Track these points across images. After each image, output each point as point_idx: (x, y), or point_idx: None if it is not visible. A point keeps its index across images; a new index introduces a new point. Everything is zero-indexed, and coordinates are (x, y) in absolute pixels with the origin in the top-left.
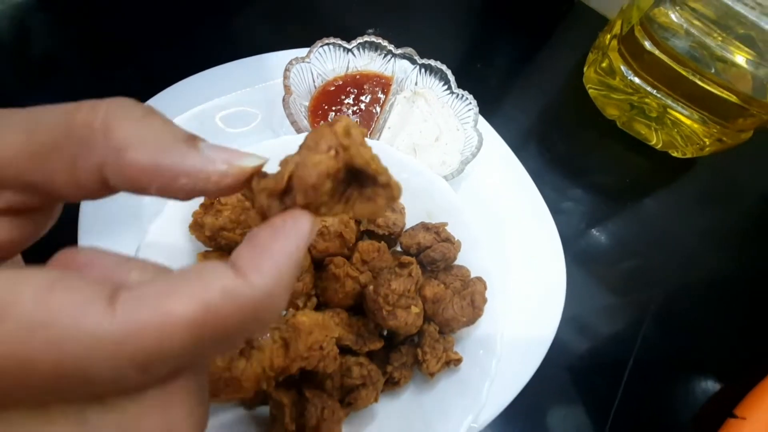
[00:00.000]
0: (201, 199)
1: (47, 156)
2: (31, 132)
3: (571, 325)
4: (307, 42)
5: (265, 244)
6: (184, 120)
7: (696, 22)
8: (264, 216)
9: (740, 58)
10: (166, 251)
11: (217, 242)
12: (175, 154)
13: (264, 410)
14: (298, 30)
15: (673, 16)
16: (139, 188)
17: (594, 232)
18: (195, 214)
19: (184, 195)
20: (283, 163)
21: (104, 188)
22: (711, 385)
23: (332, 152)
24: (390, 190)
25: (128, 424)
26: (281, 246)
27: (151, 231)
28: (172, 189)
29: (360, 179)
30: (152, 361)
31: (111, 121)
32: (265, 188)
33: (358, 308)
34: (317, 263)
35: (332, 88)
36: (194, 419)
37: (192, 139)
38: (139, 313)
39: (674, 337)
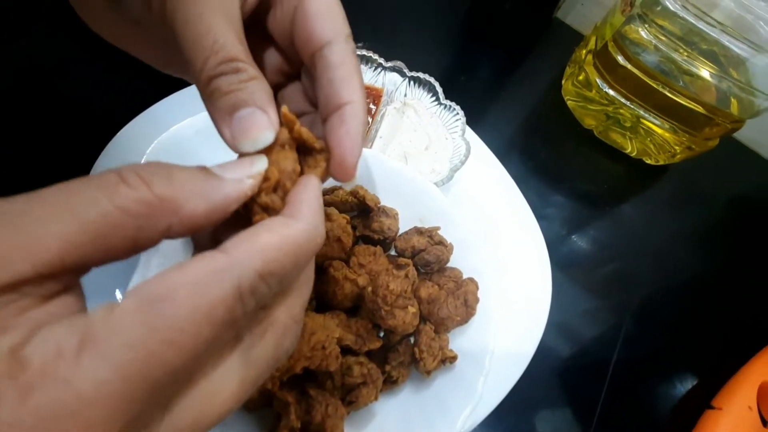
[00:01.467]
0: None
1: (105, 241)
2: (80, 223)
3: (555, 327)
4: None
5: (296, 197)
6: (186, 125)
7: (663, 39)
8: (267, 209)
9: (705, 71)
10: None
11: None
12: (217, 191)
13: (263, 411)
14: None
15: (643, 33)
16: (200, 230)
17: (575, 236)
18: None
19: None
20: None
21: (160, 240)
22: (689, 379)
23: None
24: (325, 152)
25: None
26: (308, 195)
27: None
28: (224, 217)
29: (306, 152)
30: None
31: (158, 190)
32: (263, 188)
33: (356, 310)
34: (317, 267)
35: None
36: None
37: (207, 171)
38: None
39: (653, 335)
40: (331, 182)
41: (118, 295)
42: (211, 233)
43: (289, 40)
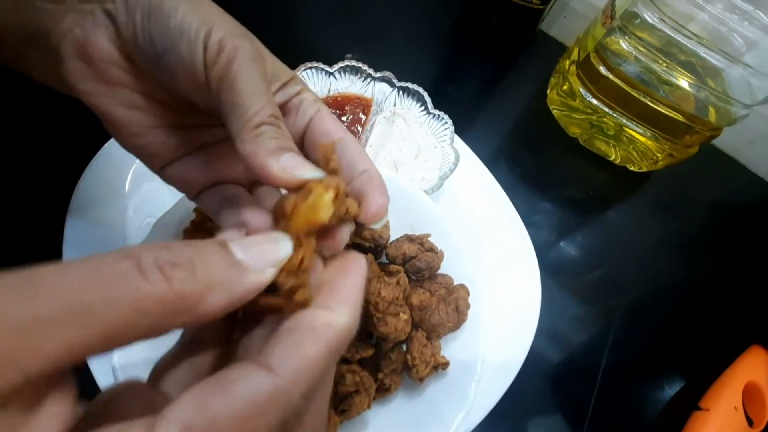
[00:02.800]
0: (191, 216)
1: (111, 340)
2: (91, 323)
3: (545, 333)
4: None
5: (343, 283)
6: None
7: (643, 50)
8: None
9: (683, 81)
10: None
11: None
12: (237, 284)
13: None
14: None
15: (624, 44)
16: (216, 319)
17: (562, 242)
18: (186, 233)
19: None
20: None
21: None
22: (676, 382)
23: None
24: (351, 197)
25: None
26: (355, 282)
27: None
28: (241, 305)
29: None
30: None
31: (179, 287)
32: (287, 270)
33: None
34: None
35: None
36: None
37: (229, 255)
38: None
39: (640, 339)
40: None
41: None
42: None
43: (299, 142)
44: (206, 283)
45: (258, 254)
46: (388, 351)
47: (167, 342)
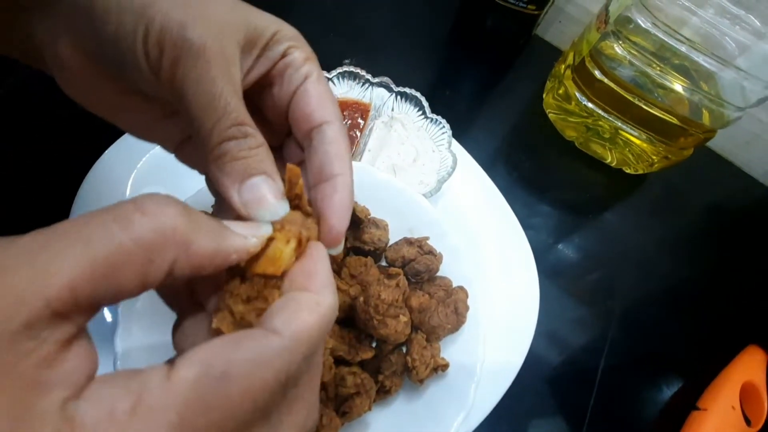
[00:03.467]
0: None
1: (116, 273)
2: (93, 255)
3: (544, 335)
4: None
5: (313, 269)
6: None
7: (637, 54)
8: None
9: (677, 85)
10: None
11: None
12: (225, 237)
13: None
14: None
15: (618, 49)
16: (199, 272)
17: (560, 245)
18: None
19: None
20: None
21: (165, 281)
22: (674, 382)
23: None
24: (313, 217)
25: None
26: (323, 266)
27: None
28: (222, 265)
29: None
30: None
31: (173, 221)
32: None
33: (349, 321)
34: None
35: None
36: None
37: (220, 222)
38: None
39: (638, 340)
40: None
41: (106, 314)
42: (186, 288)
43: (283, 115)
44: (198, 226)
45: (244, 227)
46: (389, 353)
47: (166, 332)
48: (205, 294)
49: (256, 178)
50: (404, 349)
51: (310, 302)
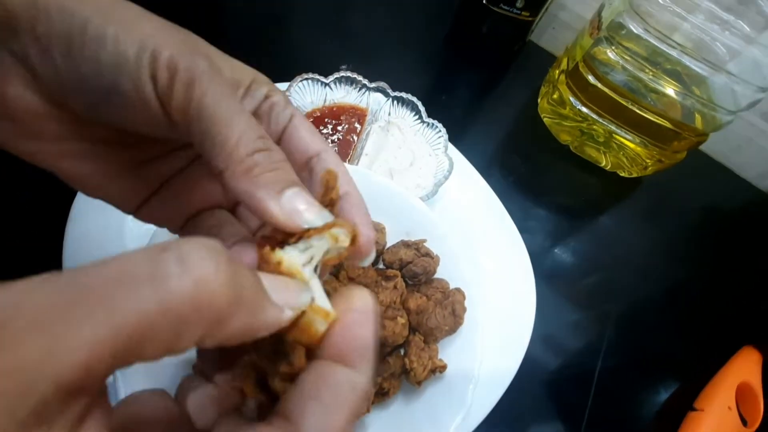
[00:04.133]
0: None
1: (139, 347)
2: (116, 328)
3: (540, 338)
4: (281, 78)
5: (354, 334)
6: None
7: (630, 59)
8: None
9: (670, 89)
10: None
11: None
12: (262, 310)
13: None
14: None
15: (611, 54)
16: (223, 345)
17: (556, 248)
18: None
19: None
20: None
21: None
22: (671, 383)
23: None
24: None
25: None
26: (367, 333)
27: None
28: (250, 339)
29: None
30: None
31: (209, 292)
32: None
33: None
34: None
35: (311, 119)
36: None
37: (261, 284)
38: None
39: (635, 342)
40: None
41: None
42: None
43: None
44: (238, 295)
45: (283, 293)
46: (387, 355)
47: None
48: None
49: (293, 188)
50: (402, 352)
51: (343, 390)
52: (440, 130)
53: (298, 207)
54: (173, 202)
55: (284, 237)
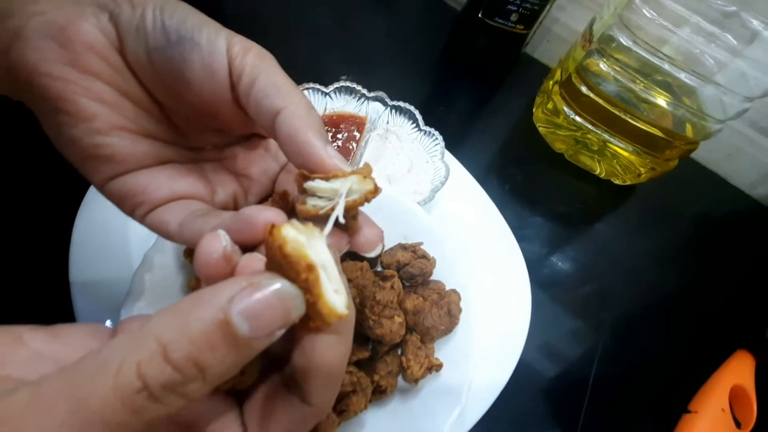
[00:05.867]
0: None
1: None
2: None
3: (535, 344)
4: None
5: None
6: None
7: (621, 71)
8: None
9: (661, 100)
10: (161, 276)
11: None
12: (234, 363)
13: None
14: None
15: (603, 66)
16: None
17: (552, 255)
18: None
19: None
20: None
21: None
22: (666, 387)
23: None
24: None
25: None
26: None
27: (146, 257)
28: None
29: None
30: None
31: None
32: None
33: None
34: None
35: None
36: None
37: (235, 332)
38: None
39: (630, 346)
40: None
41: (108, 324)
42: None
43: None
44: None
45: (262, 324)
46: (384, 354)
47: None
48: None
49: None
50: (399, 351)
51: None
52: (437, 138)
53: (335, 155)
54: (162, 180)
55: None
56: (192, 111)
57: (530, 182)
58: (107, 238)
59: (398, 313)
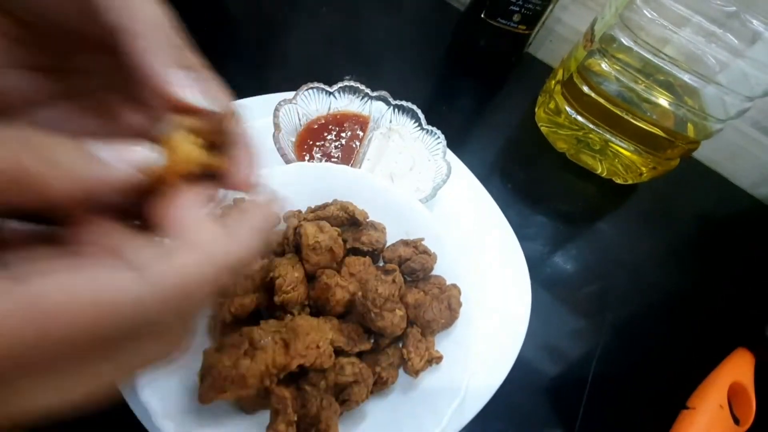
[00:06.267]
0: None
1: None
2: None
3: (534, 342)
4: (288, 87)
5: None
6: None
7: (623, 71)
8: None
9: (662, 100)
10: None
11: None
12: (86, 172)
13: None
14: (282, 76)
15: (604, 66)
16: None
17: (553, 253)
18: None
19: None
20: None
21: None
22: (665, 383)
23: None
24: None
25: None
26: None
27: None
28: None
29: None
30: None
31: (23, 162)
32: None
33: (348, 317)
34: (310, 276)
35: (316, 126)
36: None
37: (87, 151)
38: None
39: (630, 344)
40: (322, 199)
41: None
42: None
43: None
44: (49, 164)
45: (120, 153)
46: (385, 347)
47: None
48: None
49: (192, 73)
50: (400, 343)
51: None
52: (439, 137)
53: (187, 83)
54: (62, 118)
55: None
56: (48, 23)
57: (532, 181)
58: None
59: (399, 307)
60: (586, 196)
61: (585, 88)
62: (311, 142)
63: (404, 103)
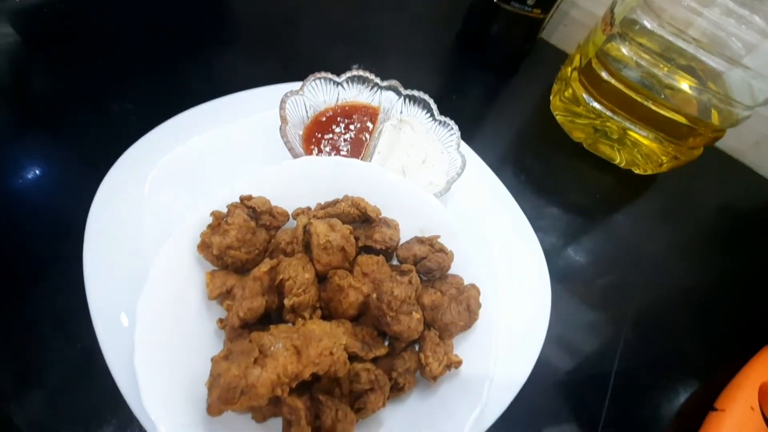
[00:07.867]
0: (209, 221)
1: None
2: None
3: (555, 339)
4: (294, 78)
5: None
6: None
7: (644, 55)
8: None
9: (685, 85)
10: (177, 270)
11: (224, 261)
12: None
13: (272, 422)
14: (289, 66)
15: (624, 50)
16: None
17: (570, 247)
18: (203, 235)
19: None
20: None
21: None
22: (690, 383)
23: None
24: None
25: None
26: None
27: (162, 252)
28: None
29: None
30: None
31: None
32: None
33: (362, 319)
34: (321, 277)
35: (324, 119)
36: None
37: None
38: None
39: (653, 341)
40: (332, 195)
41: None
42: None
43: None
44: None
45: None
46: (401, 351)
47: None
48: None
49: None
50: (417, 347)
51: None
52: (452, 128)
53: None
54: None
55: None
56: None
57: (547, 172)
58: (121, 233)
59: (416, 309)
60: (603, 187)
61: (604, 74)
62: (319, 135)
63: (416, 93)
